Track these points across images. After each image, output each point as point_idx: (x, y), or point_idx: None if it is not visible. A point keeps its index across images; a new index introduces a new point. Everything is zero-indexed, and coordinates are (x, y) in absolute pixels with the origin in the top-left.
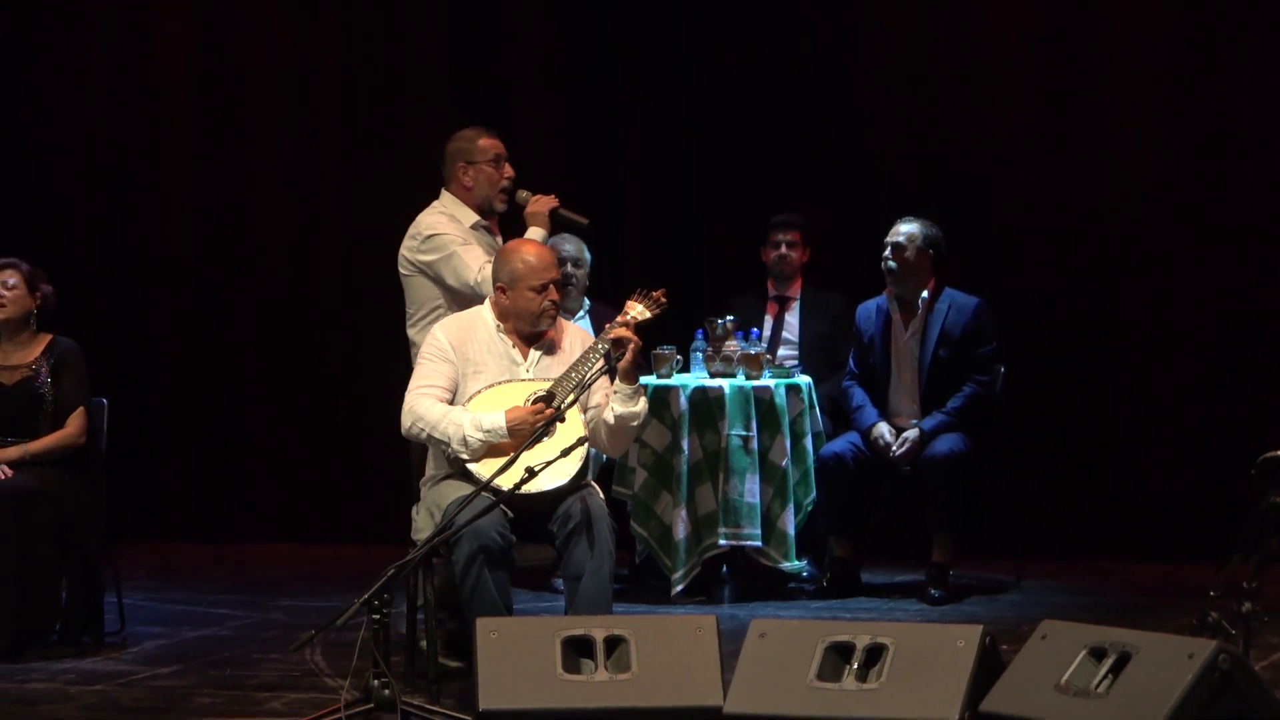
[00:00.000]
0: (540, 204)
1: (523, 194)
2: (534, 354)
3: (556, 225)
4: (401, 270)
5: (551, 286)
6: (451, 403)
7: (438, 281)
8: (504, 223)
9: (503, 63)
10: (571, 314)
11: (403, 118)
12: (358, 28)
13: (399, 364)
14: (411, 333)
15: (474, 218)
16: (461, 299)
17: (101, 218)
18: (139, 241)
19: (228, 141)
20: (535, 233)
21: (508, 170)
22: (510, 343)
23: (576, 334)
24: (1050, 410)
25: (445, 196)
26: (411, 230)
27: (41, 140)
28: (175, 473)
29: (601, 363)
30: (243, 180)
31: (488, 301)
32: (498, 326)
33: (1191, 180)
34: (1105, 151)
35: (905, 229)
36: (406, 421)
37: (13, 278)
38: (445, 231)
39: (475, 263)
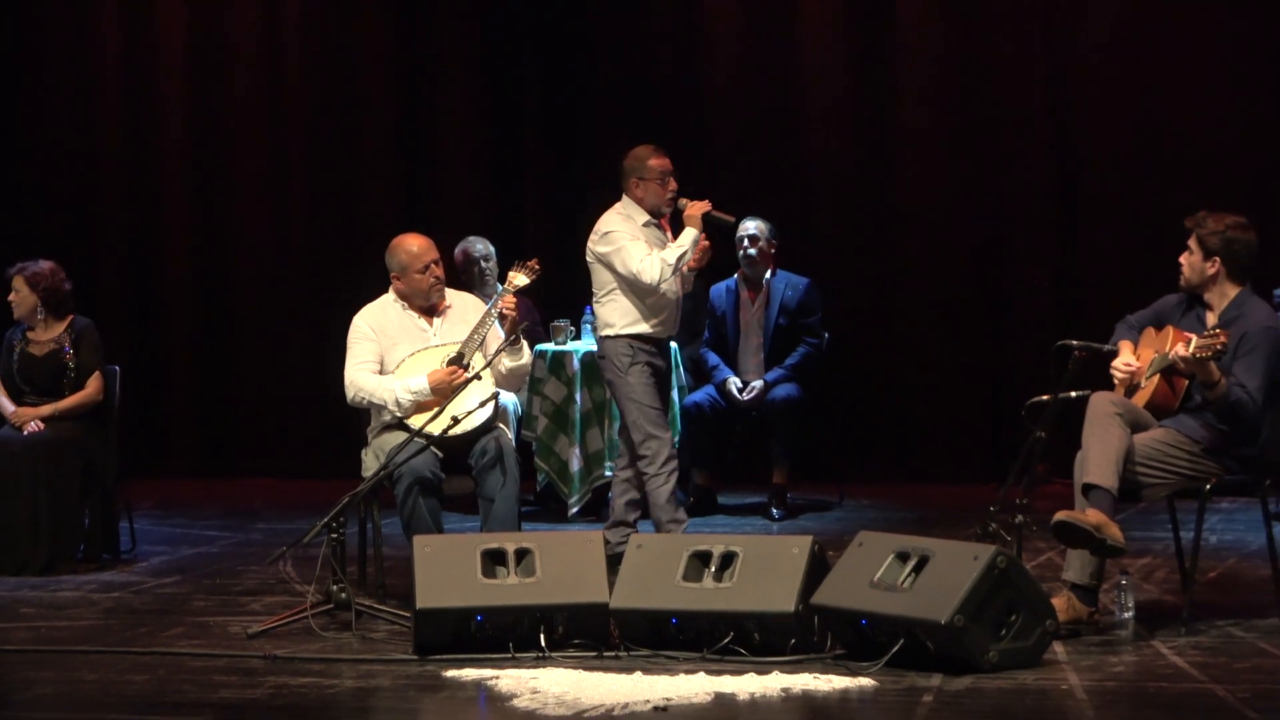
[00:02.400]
0: (695, 208)
1: (683, 201)
2: (437, 322)
3: (708, 224)
4: (587, 259)
5: (433, 265)
6: (380, 373)
7: (610, 269)
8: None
9: (435, 102)
10: (487, 297)
11: (356, 132)
12: (317, 53)
13: None
14: (596, 308)
15: (646, 217)
16: (627, 282)
17: (113, 217)
18: (145, 235)
19: (214, 152)
20: (690, 233)
21: (672, 185)
22: (416, 316)
23: (469, 300)
24: (864, 366)
25: (625, 200)
26: (595, 227)
27: (60, 150)
28: (176, 423)
29: (496, 326)
30: (226, 185)
31: (391, 289)
32: (403, 306)
33: (976, 182)
34: (904, 160)
35: (755, 224)
36: (350, 393)
37: (16, 285)
38: (618, 229)
39: (639, 253)
